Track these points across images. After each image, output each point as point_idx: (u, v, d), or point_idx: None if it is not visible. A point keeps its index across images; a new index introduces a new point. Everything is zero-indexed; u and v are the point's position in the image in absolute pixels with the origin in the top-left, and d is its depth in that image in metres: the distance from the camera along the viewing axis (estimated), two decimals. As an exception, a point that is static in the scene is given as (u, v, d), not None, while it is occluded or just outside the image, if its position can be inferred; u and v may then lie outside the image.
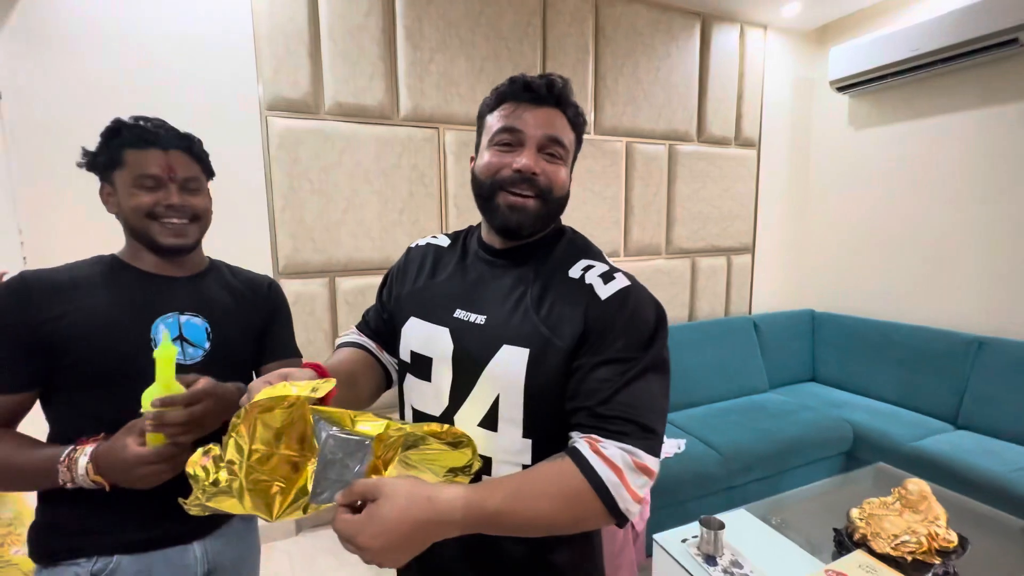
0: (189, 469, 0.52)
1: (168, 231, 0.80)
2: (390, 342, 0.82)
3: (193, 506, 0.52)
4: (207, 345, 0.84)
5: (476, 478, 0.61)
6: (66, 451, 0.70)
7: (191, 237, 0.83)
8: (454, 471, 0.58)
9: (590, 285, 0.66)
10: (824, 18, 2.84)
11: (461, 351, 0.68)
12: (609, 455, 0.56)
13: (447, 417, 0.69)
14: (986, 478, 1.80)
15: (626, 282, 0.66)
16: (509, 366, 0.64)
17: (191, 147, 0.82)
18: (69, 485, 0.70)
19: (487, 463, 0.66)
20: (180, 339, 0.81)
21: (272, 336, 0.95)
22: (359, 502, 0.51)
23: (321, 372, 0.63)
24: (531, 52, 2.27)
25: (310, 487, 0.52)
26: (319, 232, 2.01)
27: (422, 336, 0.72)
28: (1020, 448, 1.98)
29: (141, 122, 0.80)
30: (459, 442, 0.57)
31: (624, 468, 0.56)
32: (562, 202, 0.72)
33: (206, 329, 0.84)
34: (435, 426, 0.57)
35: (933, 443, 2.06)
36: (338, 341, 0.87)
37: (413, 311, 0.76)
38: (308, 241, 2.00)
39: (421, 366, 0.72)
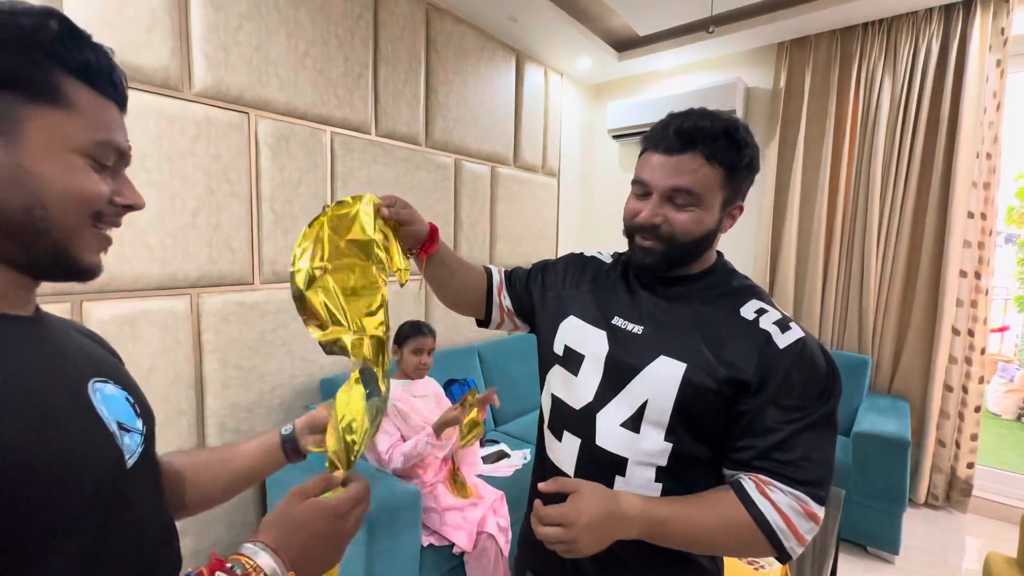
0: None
1: (103, 242, 0.47)
2: (516, 299, 0.92)
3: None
4: (140, 425, 0.51)
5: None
6: None
7: None
8: None
9: (767, 331, 0.67)
10: (604, 77, 3.44)
11: (616, 353, 0.73)
12: (776, 500, 0.61)
13: (589, 412, 0.73)
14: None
15: (801, 333, 0.67)
16: (664, 376, 0.68)
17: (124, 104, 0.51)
18: None
19: (622, 464, 0.69)
20: (119, 428, 0.48)
21: None
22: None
23: (433, 232, 0.80)
24: (363, 49, 2.06)
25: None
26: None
27: (579, 334, 0.77)
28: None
29: (89, 37, 0.44)
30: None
31: (792, 514, 0.60)
32: (697, 243, 0.71)
33: (127, 399, 0.51)
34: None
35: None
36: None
37: (574, 310, 0.80)
38: (34, 248, 1.33)
39: (572, 360, 0.77)
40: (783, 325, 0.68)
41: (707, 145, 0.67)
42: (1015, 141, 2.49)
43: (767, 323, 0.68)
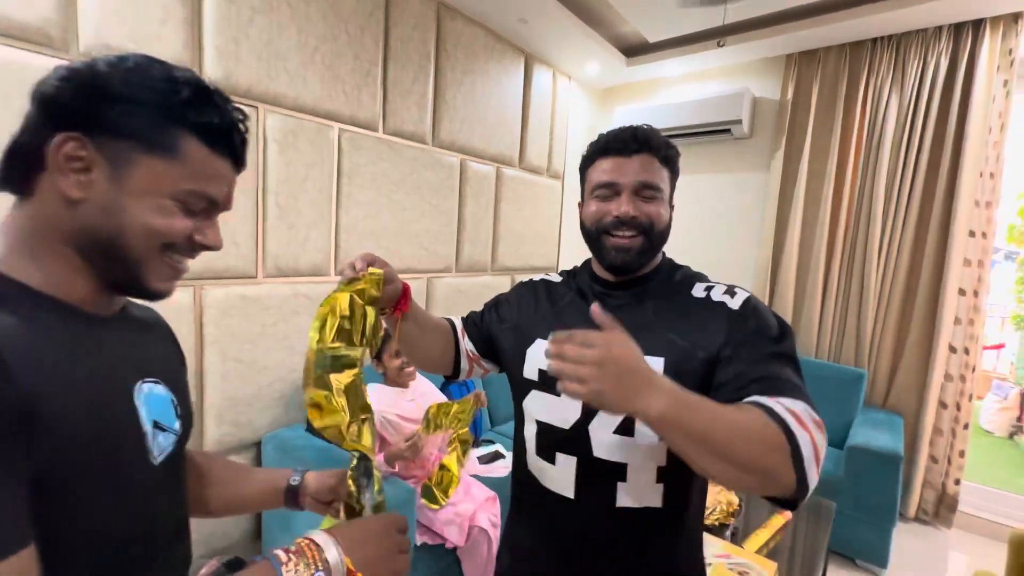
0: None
1: (174, 272, 0.53)
2: (477, 339, 0.92)
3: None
4: (177, 426, 0.56)
5: None
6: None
7: None
8: None
9: (720, 301, 0.73)
10: (612, 81, 3.44)
11: None
12: (790, 406, 0.57)
13: (580, 427, 0.74)
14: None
15: (748, 293, 0.74)
16: None
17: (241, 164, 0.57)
18: None
19: (622, 470, 0.71)
20: (154, 426, 0.52)
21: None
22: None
23: (405, 291, 0.79)
24: (373, 46, 2.07)
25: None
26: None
27: None
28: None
29: (222, 103, 0.51)
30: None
31: (810, 422, 0.56)
32: (664, 234, 0.78)
33: (172, 401, 0.56)
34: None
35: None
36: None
37: (539, 333, 0.81)
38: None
39: (549, 382, 0.72)
40: (731, 292, 0.75)
41: (658, 149, 0.76)
42: (1018, 159, 2.51)
43: (718, 295, 0.74)
